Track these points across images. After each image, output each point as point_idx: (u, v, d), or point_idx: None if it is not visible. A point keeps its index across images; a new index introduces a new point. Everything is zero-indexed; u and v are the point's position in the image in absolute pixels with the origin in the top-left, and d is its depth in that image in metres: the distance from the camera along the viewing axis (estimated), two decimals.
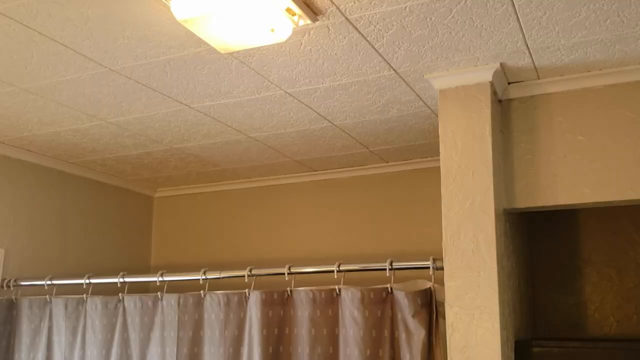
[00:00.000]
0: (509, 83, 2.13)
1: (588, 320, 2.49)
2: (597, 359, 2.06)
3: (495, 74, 2.01)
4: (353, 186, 3.15)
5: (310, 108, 2.31)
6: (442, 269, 1.99)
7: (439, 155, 2.86)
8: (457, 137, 2.03)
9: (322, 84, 2.09)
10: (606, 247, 2.52)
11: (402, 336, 2.00)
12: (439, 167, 2.85)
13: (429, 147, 2.76)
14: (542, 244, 2.58)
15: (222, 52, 1.72)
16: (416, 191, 3.00)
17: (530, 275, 2.52)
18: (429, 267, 2.03)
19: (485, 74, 2.02)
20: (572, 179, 2.03)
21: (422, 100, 2.24)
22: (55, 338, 2.56)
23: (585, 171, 2.02)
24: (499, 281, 1.90)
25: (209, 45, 1.78)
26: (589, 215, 2.57)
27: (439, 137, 2.44)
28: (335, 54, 1.87)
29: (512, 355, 1.99)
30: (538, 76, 2.08)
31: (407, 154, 2.90)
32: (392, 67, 1.97)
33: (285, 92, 2.16)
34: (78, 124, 2.49)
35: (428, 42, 1.81)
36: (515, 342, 2.03)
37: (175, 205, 3.56)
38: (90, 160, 3.00)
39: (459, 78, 2.05)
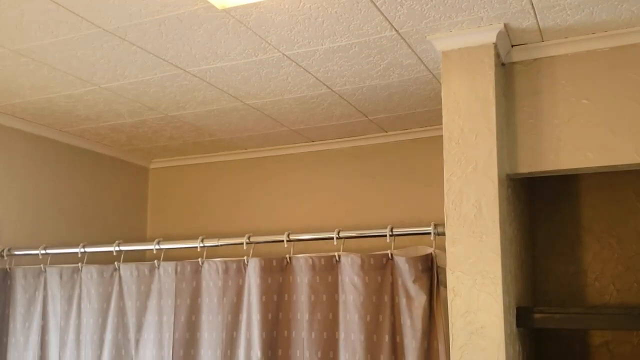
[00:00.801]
0: (512, 46, 2.08)
1: (588, 289, 2.48)
2: (599, 326, 2.05)
3: (499, 35, 1.96)
4: (351, 157, 3.11)
5: (309, 72, 2.26)
6: (443, 234, 1.96)
7: (438, 125, 2.82)
8: (460, 100, 1.99)
9: (322, 45, 2.04)
10: (607, 215, 2.50)
11: (403, 301, 1.98)
12: (438, 136, 2.81)
13: (429, 115, 2.71)
14: (542, 213, 2.55)
15: (219, 7, 1.66)
16: (415, 161, 2.96)
17: (530, 244, 2.49)
18: (430, 233, 2.01)
19: (488, 35, 1.97)
20: (575, 143, 2.00)
21: (424, 64, 2.20)
22: (50, 307, 2.53)
23: (589, 135, 1.99)
24: (501, 246, 1.88)
25: (205, 1, 1.72)
26: (590, 184, 2.54)
27: (439, 104, 2.39)
28: (336, 12, 1.82)
29: (514, 321, 1.97)
30: (542, 38, 2.03)
31: (406, 123, 2.85)
32: (394, 27, 1.92)
33: (283, 54, 2.11)
34: (71, 90, 2.43)
35: (431, 0, 1.76)
36: (517, 309, 2.01)
37: (171, 177, 3.52)
38: (85, 129, 2.95)
39: (462, 39, 2.00)
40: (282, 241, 2.21)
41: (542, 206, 2.56)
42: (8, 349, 2.56)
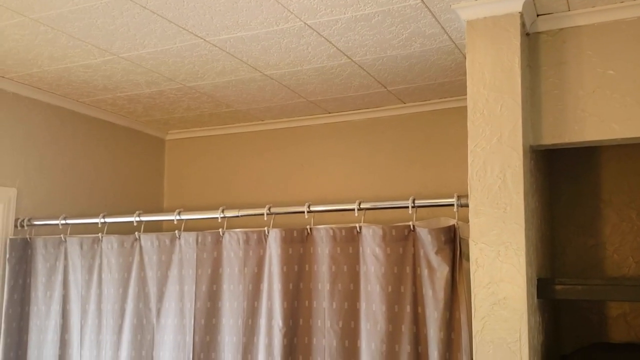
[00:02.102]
0: (537, 15, 2.05)
1: (607, 262, 2.48)
2: (620, 297, 2.05)
3: (525, 4, 1.93)
4: (369, 129, 3.09)
5: (330, 42, 2.23)
6: (466, 206, 1.95)
7: (457, 96, 2.81)
8: (485, 70, 1.96)
9: (345, 14, 2.01)
10: (627, 188, 2.48)
11: (425, 273, 1.98)
12: (457, 107, 2.81)
13: (449, 86, 2.68)
14: (562, 185, 2.54)
15: None
16: (434, 133, 2.94)
17: (549, 216, 2.48)
18: (453, 205, 2.00)
19: (514, 4, 1.94)
20: (600, 114, 1.98)
21: (447, 34, 2.16)
22: (71, 277, 2.55)
23: (614, 106, 1.96)
24: (525, 217, 1.87)
25: None
26: (610, 156, 2.52)
27: (460, 75, 2.37)
28: None
29: (535, 292, 1.98)
30: (568, 7, 1.99)
31: (425, 94, 2.82)
32: None
33: (305, 23, 2.08)
34: (90, 59, 2.41)
35: None
36: (538, 280, 2.02)
37: (187, 148, 3.52)
38: (101, 100, 2.93)
39: (488, 8, 1.96)
40: (303, 212, 2.21)
41: (561, 179, 2.55)
42: (30, 317, 2.60)
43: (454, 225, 1.96)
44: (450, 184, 2.79)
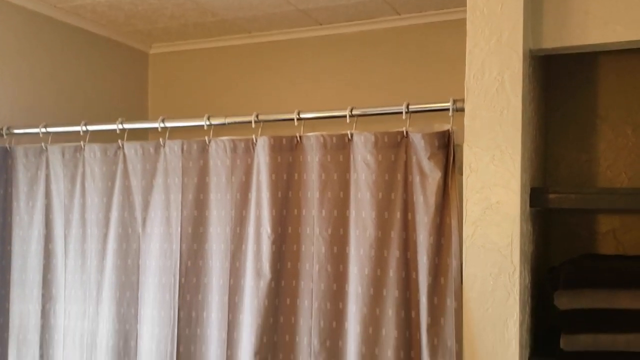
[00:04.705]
0: None
1: (600, 177, 2.45)
2: (613, 206, 2.03)
3: None
4: (362, 42, 2.97)
5: None
6: (462, 110, 1.90)
7: (455, 7, 2.69)
8: None
9: None
10: (625, 103, 2.43)
11: (417, 179, 1.94)
12: (455, 20, 2.69)
13: None
14: (557, 99, 2.48)
15: None
16: (430, 46, 2.84)
17: (544, 130, 2.43)
18: (448, 109, 1.93)
19: None
20: (604, 16, 1.89)
21: None
22: (53, 186, 2.48)
23: (619, 7, 1.88)
24: (522, 121, 1.82)
25: None
26: (609, 70, 2.45)
27: None
28: None
29: (528, 200, 1.94)
30: None
31: (422, 4, 2.70)
32: None
33: None
34: None
35: None
36: (531, 189, 1.98)
37: (172, 63, 3.39)
38: (81, 5, 2.78)
39: None
40: (293, 119, 2.14)
41: (557, 92, 2.48)
42: (13, 227, 2.55)
43: (448, 130, 1.90)
44: (445, 100, 2.71)
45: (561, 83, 2.47)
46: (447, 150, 1.90)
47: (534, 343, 2.02)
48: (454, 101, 1.91)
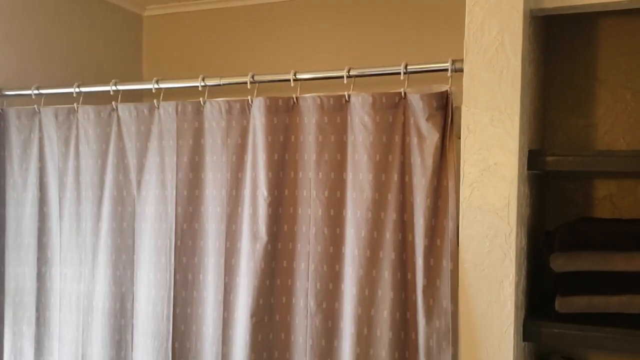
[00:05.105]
0: None
1: (597, 143, 2.43)
2: (612, 168, 2.02)
3: None
4: (359, 1, 2.91)
5: None
6: (461, 70, 1.87)
7: None
8: None
9: None
10: (625, 67, 2.40)
11: (414, 141, 1.92)
12: None
13: None
14: (556, 64, 2.45)
15: None
16: (430, 6, 2.78)
17: (542, 95, 2.41)
18: (447, 70, 1.90)
19: None
20: None
21: None
22: (47, 149, 2.46)
23: None
24: (522, 82, 1.79)
25: None
26: (609, 34, 2.42)
27: None
28: None
29: (526, 162, 1.93)
30: None
31: None
32: None
33: None
34: None
35: None
36: (529, 151, 1.97)
37: (167, 25, 3.32)
38: None
39: None
40: (289, 80, 2.11)
41: (557, 56, 2.45)
42: (6, 190, 2.52)
43: (447, 90, 1.88)
44: (444, 61, 2.67)
45: (561, 46, 2.44)
46: (445, 111, 1.88)
47: (529, 306, 2.03)
48: (453, 61, 1.88)
